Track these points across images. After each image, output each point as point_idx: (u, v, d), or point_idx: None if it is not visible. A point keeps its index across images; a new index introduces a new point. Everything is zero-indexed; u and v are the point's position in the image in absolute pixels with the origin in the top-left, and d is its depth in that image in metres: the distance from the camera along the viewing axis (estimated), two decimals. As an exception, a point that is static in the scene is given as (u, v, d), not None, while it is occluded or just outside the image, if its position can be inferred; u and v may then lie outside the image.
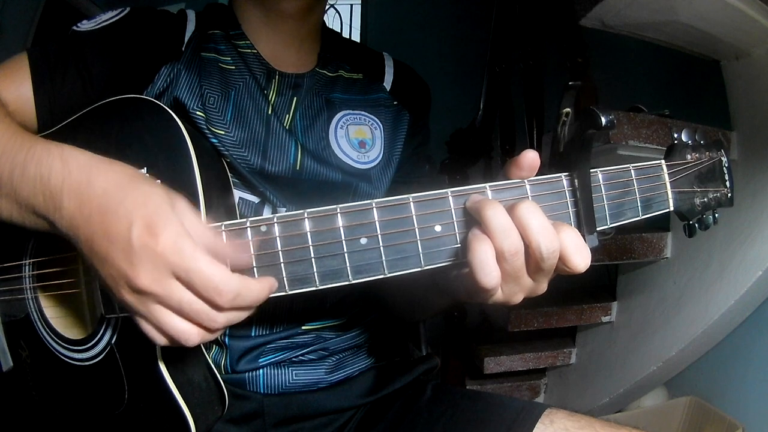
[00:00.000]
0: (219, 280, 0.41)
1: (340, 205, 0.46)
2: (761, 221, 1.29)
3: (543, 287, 0.47)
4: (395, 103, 0.80)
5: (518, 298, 0.46)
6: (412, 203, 0.46)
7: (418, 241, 0.46)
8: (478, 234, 0.43)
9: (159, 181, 0.51)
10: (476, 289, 0.44)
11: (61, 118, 0.60)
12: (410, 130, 0.80)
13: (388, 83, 0.82)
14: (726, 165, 0.56)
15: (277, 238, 0.46)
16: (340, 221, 0.46)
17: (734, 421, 1.35)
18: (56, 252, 0.58)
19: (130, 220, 0.42)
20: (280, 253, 0.46)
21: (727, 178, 0.56)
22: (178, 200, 0.45)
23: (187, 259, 0.41)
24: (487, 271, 0.43)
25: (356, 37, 3.79)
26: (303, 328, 0.71)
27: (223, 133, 0.66)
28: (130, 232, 0.41)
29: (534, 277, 0.45)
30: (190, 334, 0.43)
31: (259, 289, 0.44)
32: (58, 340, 0.59)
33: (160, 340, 0.44)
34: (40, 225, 0.48)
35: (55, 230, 0.47)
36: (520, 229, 0.43)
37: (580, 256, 0.44)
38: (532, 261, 0.44)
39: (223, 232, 0.46)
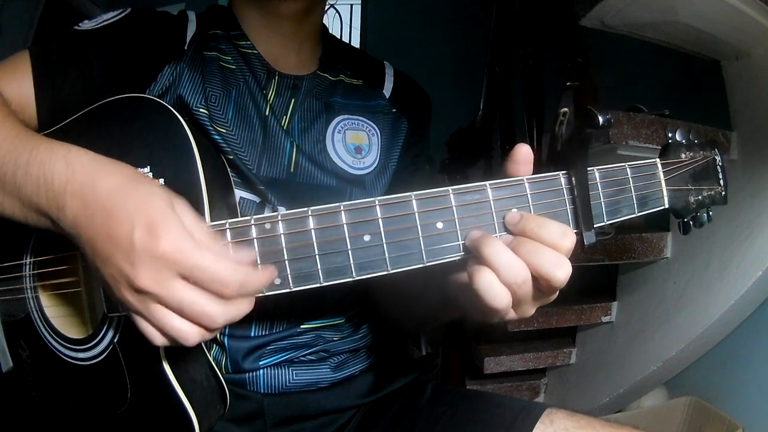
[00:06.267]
0: (224, 272, 0.42)
1: (344, 203, 0.46)
2: (761, 221, 1.29)
3: (554, 297, 0.48)
4: (394, 110, 0.80)
5: (530, 312, 0.48)
6: (414, 200, 0.46)
7: (421, 238, 0.46)
8: (475, 266, 0.45)
9: (162, 180, 0.51)
10: (490, 312, 0.45)
11: (61, 117, 0.60)
12: (409, 139, 0.80)
13: (387, 91, 0.82)
14: (720, 164, 0.57)
15: (281, 236, 0.46)
16: (343, 218, 0.46)
17: (734, 421, 1.35)
18: (57, 251, 0.58)
19: (132, 222, 0.42)
20: (285, 250, 0.46)
21: (721, 176, 0.57)
22: (179, 201, 0.45)
23: (190, 257, 0.41)
24: (494, 294, 0.44)
25: (356, 37, 3.79)
26: (302, 327, 0.71)
27: (224, 131, 0.67)
28: (132, 235, 0.42)
29: (545, 297, 0.47)
30: (190, 334, 0.43)
31: (259, 276, 0.44)
32: (59, 340, 0.59)
33: (159, 340, 0.44)
34: (43, 223, 0.48)
35: (57, 229, 0.47)
36: (531, 268, 0.44)
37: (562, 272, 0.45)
38: (544, 285, 0.45)
39: (228, 230, 0.46)
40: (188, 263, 0.41)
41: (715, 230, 1.38)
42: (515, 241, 0.45)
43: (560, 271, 0.44)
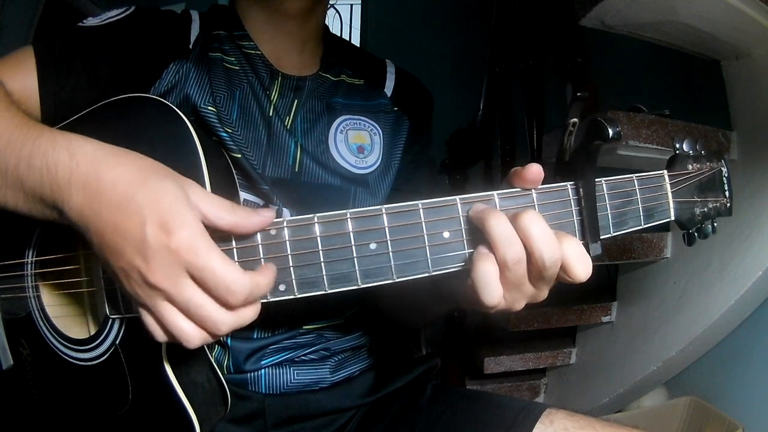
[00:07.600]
0: (231, 279, 0.41)
1: (350, 210, 0.46)
2: (761, 221, 1.29)
3: (544, 294, 0.48)
4: (395, 109, 0.81)
5: (520, 305, 0.47)
6: (421, 209, 0.46)
7: (427, 247, 0.46)
8: (483, 253, 0.44)
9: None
10: (479, 303, 0.45)
11: (64, 113, 0.59)
12: (410, 137, 0.80)
13: (389, 89, 0.82)
14: (726, 175, 0.57)
15: (287, 242, 0.46)
16: (350, 226, 0.46)
17: (734, 421, 1.35)
18: (59, 250, 0.58)
19: (143, 217, 0.41)
20: (290, 256, 0.46)
21: (726, 188, 0.57)
22: (190, 187, 0.44)
23: (201, 258, 0.41)
24: (490, 289, 0.44)
25: (356, 37, 3.79)
26: (304, 327, 0.71)
27: (231, 131, 0.67)
28: (143, 230, 0.41)
29: (536, 285, 0.46)
30: (192, 336, 0.43)
31: (266, 282, 0.44)
32: (60, 339, 0.59)
33: (160, 336, 0.44)
34: (48, 215, 0.47)
35: (64, 220, 0.46)
36: (522, 238, 0.43)
37: (581, 266, 0.45)
38: (534, 269, 0.44)
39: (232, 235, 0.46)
40: (198, 263, 0.41)
41: (716, 230, 1.38)
42: (513, 213, 0.45)
43: (549, 249, 0.43)
